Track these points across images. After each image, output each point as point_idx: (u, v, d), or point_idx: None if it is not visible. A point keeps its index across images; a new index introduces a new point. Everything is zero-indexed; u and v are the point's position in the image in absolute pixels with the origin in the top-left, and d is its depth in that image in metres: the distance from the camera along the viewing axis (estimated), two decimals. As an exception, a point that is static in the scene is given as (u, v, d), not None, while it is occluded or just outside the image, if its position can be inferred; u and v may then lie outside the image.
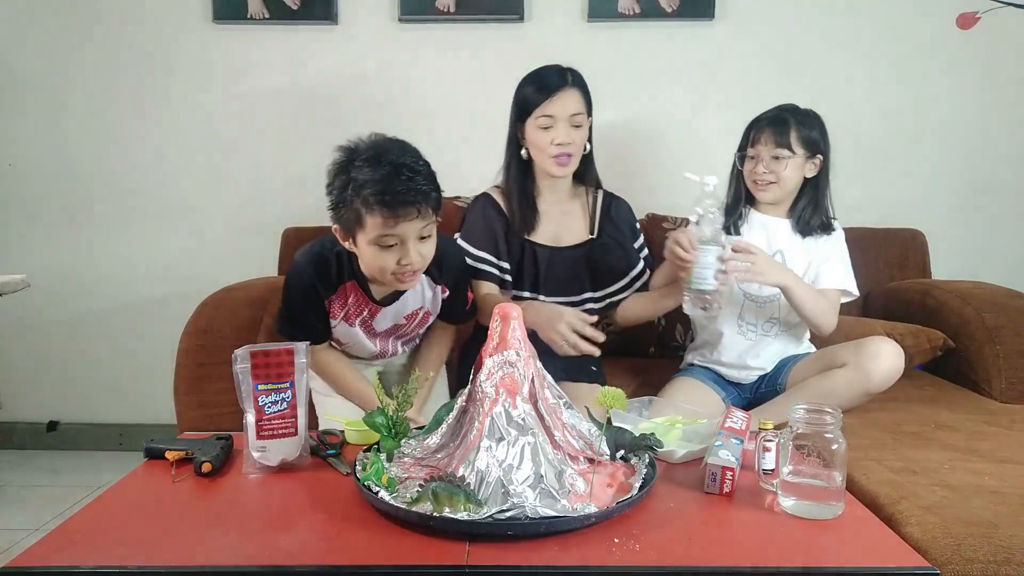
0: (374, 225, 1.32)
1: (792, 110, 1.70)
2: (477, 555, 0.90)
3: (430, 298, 1.56)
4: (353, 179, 1.32)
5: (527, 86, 1.68)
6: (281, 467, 1.17)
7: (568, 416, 1.12)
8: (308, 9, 2.38)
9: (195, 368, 1.64)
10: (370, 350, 1.61)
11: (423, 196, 1.32)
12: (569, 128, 1.64)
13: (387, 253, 1.35)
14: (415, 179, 1.31)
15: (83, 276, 2.54)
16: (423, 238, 1.37)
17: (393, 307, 1.53)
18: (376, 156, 1.32)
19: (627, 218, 1.81)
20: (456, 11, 2.36)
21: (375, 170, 1.30)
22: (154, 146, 2.48)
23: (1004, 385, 1.77)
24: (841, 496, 1.03)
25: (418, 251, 1.36)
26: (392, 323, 1.57)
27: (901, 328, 1.87)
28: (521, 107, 1.68)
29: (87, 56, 2.44)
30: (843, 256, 1.74)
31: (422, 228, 1.35)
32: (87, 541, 0.95)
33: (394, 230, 1.32)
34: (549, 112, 1.63)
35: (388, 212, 1.30)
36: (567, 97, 1.64)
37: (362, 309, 1.52)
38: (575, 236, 1.77)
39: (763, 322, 1.75)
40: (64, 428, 2.62)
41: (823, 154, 1.70)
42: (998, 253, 2.47)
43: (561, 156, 1.64)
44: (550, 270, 1.75)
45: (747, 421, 1.27)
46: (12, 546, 1.86)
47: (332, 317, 1.52)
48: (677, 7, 2.35)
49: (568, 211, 1.78)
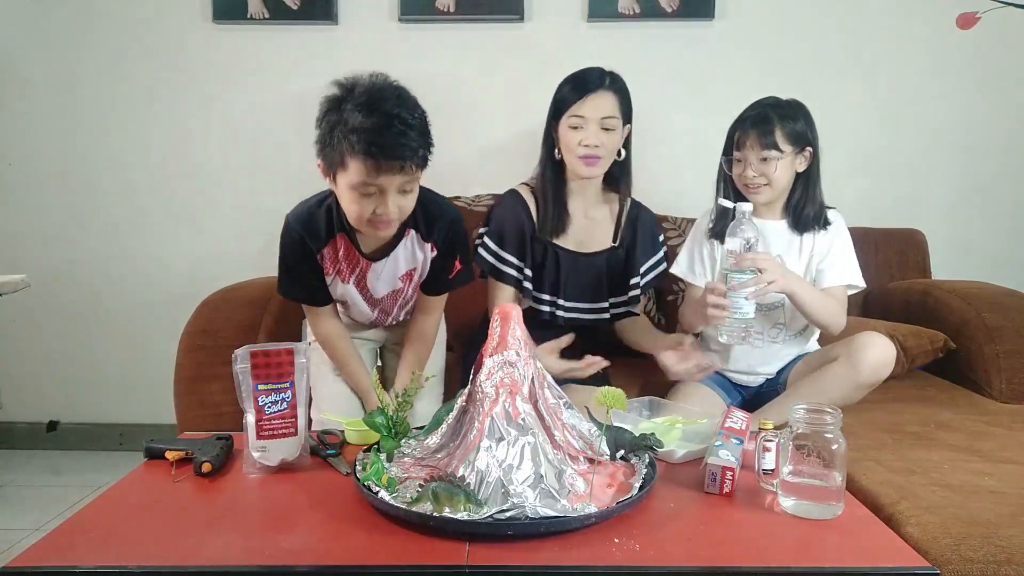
0: (356, 171, 1.30)
1: (774, 105, 1.62)
2: (477, 555, 0.90)
3: (422, 259, 1.54)
4: (343, 121, 1.29)
5: (566, 85, 1.67)
6: (281, 467, 1.17)
7: (568, 416, 1.12)
8: (308, 9, 2.38)
9: (195, 368, 1.64)
10: (368, 316, 1.61)
11: (411, 152, 1.29)
12: (599, 131, 1.62)
13: (365, 200, 1.33)
14: (407, 134, 1.28)
15: (83, 276, 2.54)
16: (404, 191, 1.36)
17: (386, 267, 1.51)
18: (370, 102, 1.29)
19: (649, 229, 1.79)
20: (456, 11, 2.36)
21: (366, 117, 1.27)
22: (154, 146, 2.48)
23: (1004, 385, 1.77)
24: (841, 496, 1.02)
25: (396, 203, 1.34)
26: (389, 289, 1.56)
27: (903, 329, 1.87)
28: (557, 106, 1.67)
29: (87, 56, 2.45)
30: (844, 248, 1.68)
31: (404, 183, 1.33)
32: (87, 541, 0.95)
33: (375, 180, 1.30)
34: (580, 112, 1.62)
35: (372, 163, 1.28)
36: (600, 99, 1.62)
37: (354, 265, 1.51)
38: (599, 243, 1.76)
39: (770, 328, 1.71)
40: (64, 428, 2.62)
41: (812, 145, 1.62)
42: (998, 253, 2.47)
43: (588, 157, 1.63)
44: (572, 275, 1.74)
45: (747, 421, 1.27)
46: (12, 546, 1.86)
47: (326, 273, 1.51)
48: (677, 7, 2.35)
49: (595, 217, 1.76)
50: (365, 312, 1.61)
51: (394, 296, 1.60)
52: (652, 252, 1.79)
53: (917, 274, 2.24)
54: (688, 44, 2.41)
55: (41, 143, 2.49)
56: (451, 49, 2.42)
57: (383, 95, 1.31)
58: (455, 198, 2.14)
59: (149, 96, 2.46)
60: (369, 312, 1.61)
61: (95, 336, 2.57)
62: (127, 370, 2.57)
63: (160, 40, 2.43)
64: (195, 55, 2.44)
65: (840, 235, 1.69)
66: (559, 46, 2.38)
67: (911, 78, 2.41)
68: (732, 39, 2.40)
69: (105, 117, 2.47)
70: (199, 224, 2.52)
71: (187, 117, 2.47)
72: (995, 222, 2.47)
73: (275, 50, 2.43)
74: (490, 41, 2.40)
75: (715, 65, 2.40)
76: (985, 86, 2.41)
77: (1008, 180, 2.45)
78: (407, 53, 2.42)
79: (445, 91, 2.43)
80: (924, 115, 2.43)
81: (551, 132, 1.70)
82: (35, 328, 2.57)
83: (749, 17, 2.39)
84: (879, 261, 2.23)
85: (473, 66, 2.41)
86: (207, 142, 2.48)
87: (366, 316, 1.63)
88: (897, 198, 2.45)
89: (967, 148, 2.44)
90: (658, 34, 2.40)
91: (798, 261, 1.68)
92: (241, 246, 2.48)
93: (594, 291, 1.76)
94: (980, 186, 2.46)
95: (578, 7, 2.39)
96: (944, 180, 2.46)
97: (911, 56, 2.40)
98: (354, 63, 2.40)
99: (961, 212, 2.47)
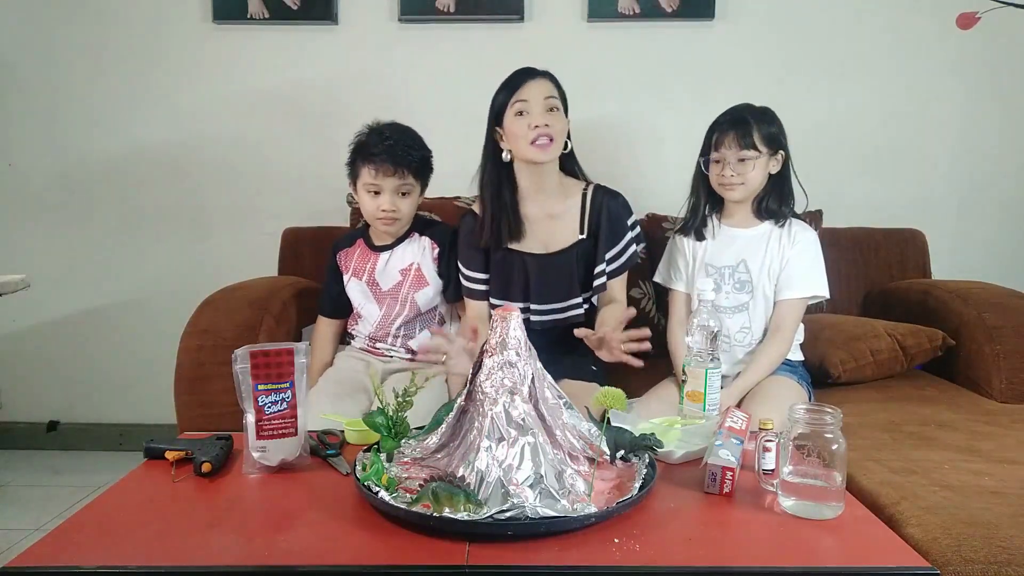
0: (363, 174, 1.73)
1: (748, 109, 1.69)
2: (477, 555, 0.90)
3: (419, 252, 1.82)
4: (357, 144, 1.77)
5: (499, 90, 1.69)
6: (281, 467, 1.17)
7: (568, 416, 1.12)
8: (308, 9, 2.38)
9: (195, 368, 1.63)
10: (376, 314, 1.82)
11: (399, 159, 1.70)
12: (544, 111, 1.63)
13: (372, 198, 1.74)
14: (399, 147, 1.71)
15: (83, 276, 2.54)
16: (403, 194, 1.74)
17: (391, 258, 1.82)
18: (379, 130, 1.75)
19: (618, 213, 1.75)
20: (456, 11, 2.36)
21: (370, 135, 1.74)
22: (154, 146, 2.48)
23: (1004, 385, 1.76)
24: (841, 496, 1.03)
25: (394, 202, 1.73)
26: (392, 281, 1.81)
27: (901, 328, 1.87)
28: (496, 109, 1.68)
29: (87, 56, 2.44)
30: (810, 260, 1.70)
31: (400, 184, 1.72)
32: (87, 541, 0.95)
33: (375, 179, 1.72)
34: (524, 96, 1.63)
35: (371, 165, 1.71)
36: (538, 83, 1.65)
37: (366, 260, 1.84)
38: (566, 239, 1.74)
39: (736, 332, 1.72)
40: (64, 428, 2.62)
41: (784, 149, 1.70)
42: (998, 253, 2.47)
43: (540, 138, 1.62)
44: (540, 278, 1.73)
45: (747, 421, 1.27)
46: (12, 546, 1.86)
47: (344, 271, 1.85)
48: (677, 7, 2.35)
49: (557, 213, 1.75)
50: (373, 311, 1.82)
51: (395, 291, 1.80)
52: (617, 238, 1.74)
53: (917, 274, 2.24)
54: (688, 44, 2.41)
55: (41, 143, 2.49)
56: (451, 49, 2.42)
57: (390, 125, 1.76)
58: (455, 198, 2.14)
59: (149, 96, 2.46)
60: (376, 310, 1.81)
61: (95, 336, 2.57)
62: (127, 370, 2.57)
63: (160, 40, 2.43)
64: (195, 55, 2.44)
65: (808, 250, 1.71)
66: (559, 46, 2.38)
67: (911, 78, 2.41)
68: (732, 39, 2.40)
69: (105, 117, 2.47)
70: (199, 224, 2.52)
71: (187, 117, 2.47)
72: (995, 222, 2.47)
73: (275, 50, 2.43)
74: (490, 41, 2.41)
75: (715, 65, 2.40)
76: (985, 86, 2.41)
77: (1008, 180, 2.45)
78: (407, 53, 2.42)
79: (445, 91, 2.44)
80: (924, 115, 2.42)
81: (493, 137, 1.71)
82: (35, 328, 2.57)
83: (749, 17, 2.39)
84: (879, 261, 2.23)
85: (473, 66, 2.41)
86: (207, 142, 2.47)
87: (374, 316, 1.82)
88: (897, 198, 2.44)
89: (967, 148, 2.44)
90: (658, 34, 2.40)
91: (764, 267, 1.70)
92: (241, 246, 2.48)
93: (566, 289, 1.74)
94: (980, 186, 2.46)
95: (578, 7, 2.39)
96: (944, 180, 2.46)
97: (911, 56, 2.40)
98: (354, 63, 2.44)
99: (961, 212, 2.47)
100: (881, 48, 2.40)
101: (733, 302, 1.72)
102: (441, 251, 1.82)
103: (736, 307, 1.72)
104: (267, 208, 2.48)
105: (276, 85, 2.45)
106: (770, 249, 1.71)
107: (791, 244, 1.70)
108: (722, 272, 1.73)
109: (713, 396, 1.39)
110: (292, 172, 2.47)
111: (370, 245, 1.85)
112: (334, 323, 1.90)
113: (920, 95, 2.41)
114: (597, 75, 2.40)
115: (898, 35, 2.39)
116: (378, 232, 1.84)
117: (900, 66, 2.40)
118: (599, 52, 2.40)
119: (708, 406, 1.38)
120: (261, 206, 2.48)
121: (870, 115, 2.42)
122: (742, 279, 1.72)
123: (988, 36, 2.37)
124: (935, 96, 2.42)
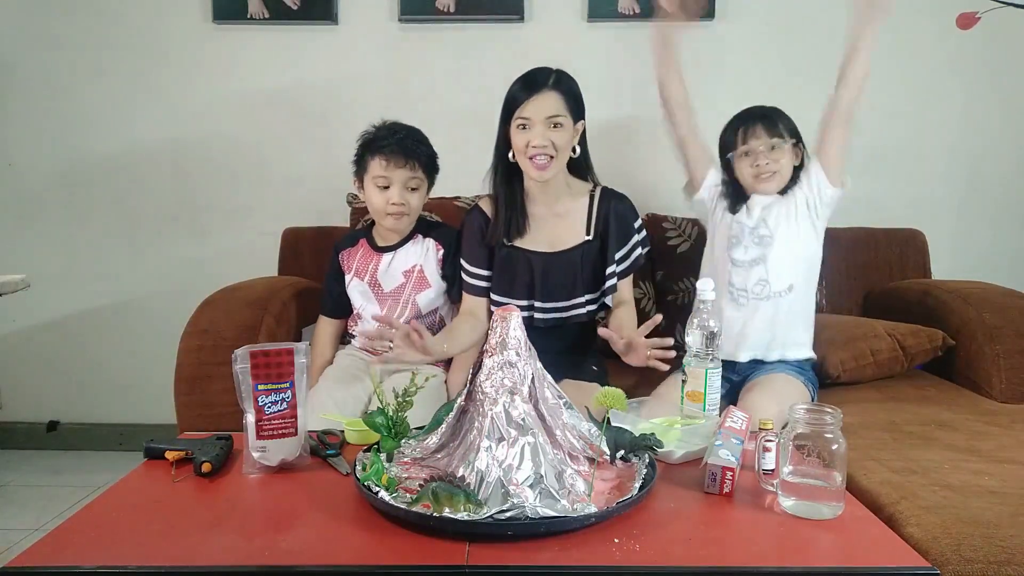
0: (373, 167, 1.72)
1: (765, 106, 1.75)
2: (477, 555, 0.90)
3: (423, 254, 1.81)
4: (366, 139, 1.76)
5: (514, 86, 1.67)
6: (281, 467, 1.17)
7: (568, 416, 1.12)
8: (308, 9, 2.38)
9: (195, 368, 1.63)
10: (378, 313, 1.80)
11: (410, 151, 1.71)
12: (546, 130, 1.61)
13: (381, 192, 1.73)
14: (411, 139, 1.73)
15: (83, 276, 2.54)
16: (412, 189, 1.74)
17: (393, 259, 1.81)
18: (387, 125, 1.76)
19: (626, 215, 1.77)
20: (456, 11, 2.36)
21: (380, 130, 1.75)
22: (154, 146, 2.48)
23: (1004, 385, 1.76)
24: (841, 496, 1.02)
25: (404, 196, 1.72)
26: (395, 284, 1.80)
27: (901, 328, 1.87)
28: (506, 108, 1.67)
29: (87, 56, 2.45)
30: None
31: (409, 178, 1.72)
32: (87, 541, 0.95)
33: (386, 171, 1.71)
34: (525, 115, 1.61)
35: (382, 157, 1.71)
36: (544, 99, 1.61)
37: (368, 260, 1.83)
38: (572, 239, 1.75)
39: (753, 285, 1.72)
40: (64, 428, 2.62)
41: (802, 142, 1.76)
42: (998, 253, 2.47)
43: (537, 157, 1.62)
44: (545, 276, 1.73)
45: (747, 421, 1.27)
46: (12, 546, 1.86)
47: (346, 271, 1.84)
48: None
49: (564, 214, 1.75)
50: (373, 312, 1.80)
51: (398, 292, 1.79)
52: (625, 239, 1.76)
53: (917, 274, 2.24)
54: (688, 44, 2.40)
55: (41, 143, 2.49)
56: (451, 49, 2.42)
57: (398, 124, 1.76)
58: (455, 198, 2.14)
59: (149, 96, 2.46)
60: (377, 311, 1.80)
61: (95, 336, 2.57)
62: (127, 370, 2.57)
63: (160, 40, 2.43)
64: (195, 55, 2.44)
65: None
66: (559, 46, 2.38)
67: (911, 78, 2.41)
68: (732, 39, 2.40)
69: (105, 117, 2.47)
70: (199, 224, 2.52)
71: (187, 117, 2.47)
72: (995, 222, 2.47)
73: (275, 50, 2.43)
74: (490, 41, 2.41)
75: (715, 65, 2.40)
76: (985, 86, 2.41)
77: (1008, 180, 2.45)
78: (407, 53, 2.42)
79: (445, 91, 2.44)
80: (924, 115, 2.43)
81: (505, 135, 1.69)
82: (35, 328, 2.57)
83: (749, 17, 2.39)
84: (879, 261, 2.24)
85: (473, 66, 2.41)
86: (207, 142, 2.48)
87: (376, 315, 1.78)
88: (897, 198, 2.44)
89: (967, 148, 2.44)
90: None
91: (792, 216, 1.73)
92: (241, 246, 2.48)
93: (570, 289, 1.74)
94: (980, 186, 2.46)
95: (578, 7, 2.39)
96: (944, 180, 2.46)
97: (911, 56, 2.40)
98: (354, 63, 2.44)
99: (961, 212, 2.47)
100: (881, 48, 2.39)
101: (752, 255, 1.73)
102: (446, 253, 1.81)
103: (754, 260, 1.73)
104: (267, 208, 2.48)
105: (276, 85, 2.45)
106: (798, 201, 1.73)
107: (817, 171, 1.73)
108: (743, 226, 1.74)
109: (713, 396, 1.39)
110: (292, 172, 2.47)
111: (373, 246, 1.84)
112: (335, 323, 1.90)
113: (920, 95, 2.42)
114: (597, 75, 2.39)
115: (898, 35, 2.38)
116: (382, 232, 1.83)
117: (900, 66, 2.40)
118: (599, 52, 2.40)
119: (708, 406, 1.38)
120: (261, 206, 2.49)
121: (870, 114, 2.42)
122: (761, 234, 1.73)
123: (988, 36, 2.38)
124: (935, 96, 2.42)
